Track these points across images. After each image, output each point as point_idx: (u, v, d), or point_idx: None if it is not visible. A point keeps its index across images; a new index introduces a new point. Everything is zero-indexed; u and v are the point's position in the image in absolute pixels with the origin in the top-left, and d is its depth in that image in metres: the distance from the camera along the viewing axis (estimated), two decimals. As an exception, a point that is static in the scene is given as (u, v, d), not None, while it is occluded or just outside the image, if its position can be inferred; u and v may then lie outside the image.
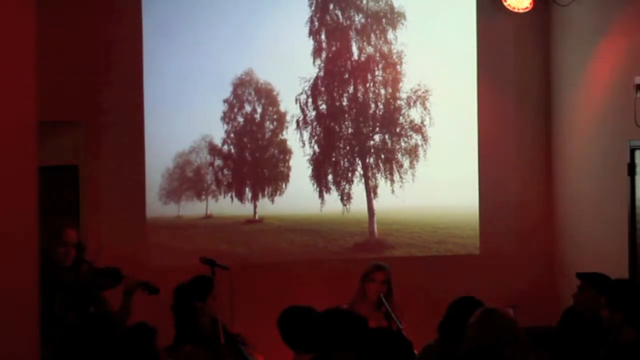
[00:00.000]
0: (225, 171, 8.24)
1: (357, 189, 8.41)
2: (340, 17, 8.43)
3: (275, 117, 8.35)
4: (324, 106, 8.41)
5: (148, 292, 5.96)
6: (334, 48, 8.42)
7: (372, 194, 8.42)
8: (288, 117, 8.34)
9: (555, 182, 8.58)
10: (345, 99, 8.44)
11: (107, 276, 5.91)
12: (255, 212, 8.27)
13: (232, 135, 8.25)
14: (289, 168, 8.35)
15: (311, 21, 8.35)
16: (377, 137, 8.48)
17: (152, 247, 7.95)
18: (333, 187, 8.38)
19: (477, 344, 4.31)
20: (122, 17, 7.88)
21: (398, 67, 8.48)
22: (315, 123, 8.39)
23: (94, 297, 5.91)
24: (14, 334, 3.25)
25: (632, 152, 7.32)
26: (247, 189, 8.27)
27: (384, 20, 8.47)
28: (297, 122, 8.35)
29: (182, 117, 8.05)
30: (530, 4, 8.27)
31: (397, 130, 8.50)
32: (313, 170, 8.36)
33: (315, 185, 8.35)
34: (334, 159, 8.42)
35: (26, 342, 3.31)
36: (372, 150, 8.47)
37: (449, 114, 8.49)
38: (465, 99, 8.50)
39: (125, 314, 5.89)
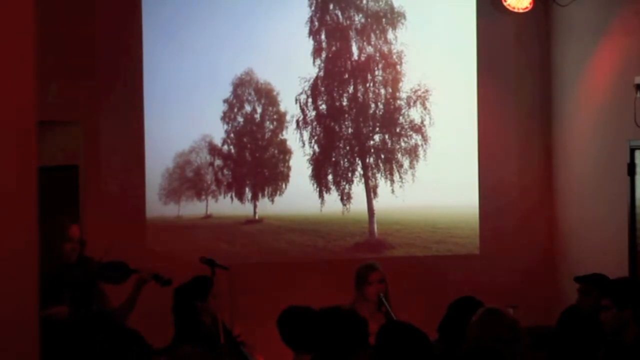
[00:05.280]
0: (225, 171, 8.24)
1: (357, 189, 8.41)
2: (340, 17, 8.43)
3: (275, 117, 8.35)
4: (324, 106, 8.41)
5: (161, 284, 5.93)
6: (334, 48, 8.42)
7: (372, 194, 8.42)
8: (288, 117, 8.34)
9: (555, 181, 8.58)
10: (345, 99, 8.44)
11: (116, 270, 5.89)
12: (255, 212, 8.27)
13: (232, 135, 8.25)
14: (289, 168, 8.35)
15: (311, 21, 8.35)
16: (377, 137, 8.48)
17: (152, 247, 7.94)
18: (333, 187, 8.38)
19: (478, 343, 4.32)
20: (122, 17, 7.88)
21: (398, 67, 8.48)
22: (315, 123, 8.39)
23: (96, 293, 5.90)
24: (14, 334, 3.25)
25: (632, 152, 7.31)
26: (247, 189, 8.27)
27: (384, 20, 8.47)
28: (297, 122, 8.35)
29: (182, 117, 8.05)
30: (530, 3, 8.26)
31: (397, 130, 8.50)
32: (313, 170, 8.36)
33: (315, 185, 8.35)
34: (334, 159, 8.42)
35: (26, 342, 3.30)
36: (372, 150, 8.47)
37: (449, 114, 8.49)
38: (465, 99, 8.50)
39: (131, 306, 5.89)
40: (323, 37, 8.39)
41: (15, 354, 3.26)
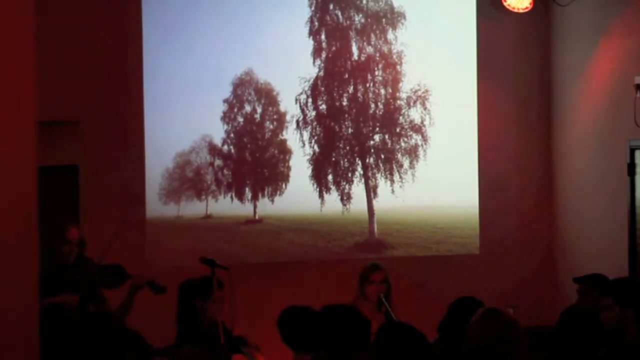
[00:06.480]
0: (225, 171, 8.24)
1: (357, 189, 8.41)
2: (340, 17, 8.43)
3: (275, 117, 8.35)
4: (324, 106, 8.41)
5: (155, 291, 5.93)
6: (334, 48, 8.42)
7: (372, 194, 8.42)
8: (288, 117, 8.34)
9: (555, 181, 8.58)
10: (345, 99, 8.44)
11: (113, 274, 5.89)
12: (255, 212, 8.27)
13: (232, 135, 8.25)
14: (289, 168, 8.35)
15: (311, 21, 8.36)
16: (377, 137, 8.48)
17: (152, 247, 7.94)
18: (333, 187, 8.38)
19: (478, 343, 4.31)
20: (122, 17, 7.88)
21: (398, 67, 8.48)
22: (315, 123, 8.39)
23: (95, 295, 5.90)
24: (14, 333, 3.25)
25: (632, 152, 7.32)
26: (247, 189, 8.27)
27: (384, 20, 8.47)
28: (297, 122, 8.35)
29: (182, 117, 8.05)
30: (530, 4, 8.26)
31: (397, 130, 8.50)
32: (313, 170, 8.36)
33: (315, 185, 8.35)
34: (334, 159, 8.42)
35: (26, 342, 3.31)
36: (372, 150, 8.47)
37: (449, 114, 8.49)
38: (465, 99, 8.50)
39: (126, 310, 5.89)
40: (323, 37, 8.39)
41: (16, 353, 3.26)
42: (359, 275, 6.41)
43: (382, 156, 8.48)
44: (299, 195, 8.32)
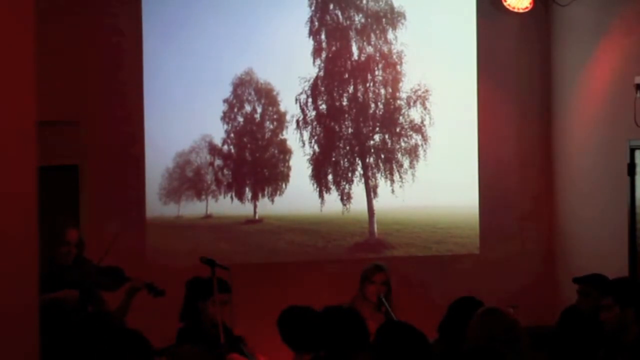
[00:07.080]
0: (225, 171, 8.25)
1: (357, 189, 8.41)
2: (340, 17, 8.43)
3: (275, 117, 8.35)
4: (324, 106, 8.41)
5: (153, 294, 5.92)
6: (334, 48, 8.42)
7: (372, 194, 8.42)
8: (288, 117, 8.35)
9: (555, 181, 8.58)
10: (345, 99, 8.44)
11: (111, 277, 5.88)
12: (255, 212, 8.27)
13: (232, 135, 8.26)
14: (289, 168, 8.35)
15: (311, 21, 8.36)
16: (377, 137, 8.48)
17: (152, 247, 7.94)
18: (333, 187, 8.38)
19: (478, 343, 4.32)
20: (122, 17, 7.88)
21: (398, 67, 8.48)
22: (315, 123, 8.39)
23: (93, 296, 5.90)
24: (14, 333, 3.25)
25: (632, 152, 7.32)
26: (247, 189, 8.27)
27: (384, 20, 8.48)
28: (297, 122, 8.35)
29: (182, 117, 8.05)
30: (530, 3, 8.27)
31: (397, 130, 8.50)
32: (313, 170, 8.36)
33: (315, 185, 8.35)
34: (334, 159, 8.42)
35: (26, 342, 3.31)
36: (372, 150, 8.47)
37: (449, 114, 8.49)
38: (465, 99, 8.50)
39: (123, 312, 5.88)
40: (323, 37, 8.39)
41: (16, 353, 3.26)
42: (361, 275, 6.43)
43: (382, 156, 8.48)
44: (299, 195, 8.32)
